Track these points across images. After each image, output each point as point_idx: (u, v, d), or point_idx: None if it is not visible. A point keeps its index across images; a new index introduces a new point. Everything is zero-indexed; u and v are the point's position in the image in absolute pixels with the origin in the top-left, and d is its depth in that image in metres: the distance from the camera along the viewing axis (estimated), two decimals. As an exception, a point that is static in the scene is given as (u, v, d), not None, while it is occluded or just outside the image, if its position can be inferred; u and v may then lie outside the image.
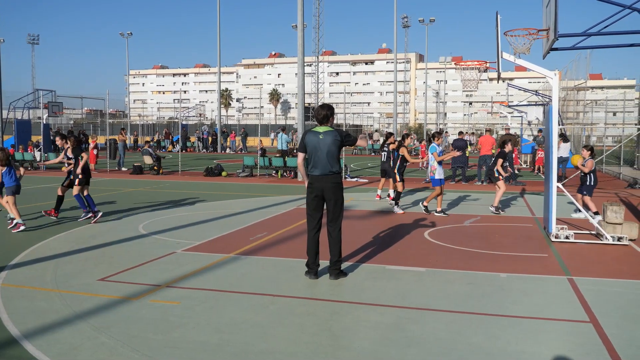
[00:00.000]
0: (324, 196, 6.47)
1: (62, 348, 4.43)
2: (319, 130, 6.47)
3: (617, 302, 5.77)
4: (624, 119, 29.19)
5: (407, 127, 70.95)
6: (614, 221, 8.82)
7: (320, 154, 6.38)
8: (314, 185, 6.46)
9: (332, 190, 6.44)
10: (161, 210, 12.16)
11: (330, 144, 6.37)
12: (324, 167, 6.39)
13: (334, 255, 6.51)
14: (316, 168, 6.44)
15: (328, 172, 6.41)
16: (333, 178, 6.45)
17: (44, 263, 7.23)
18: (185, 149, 41.56)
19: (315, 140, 6.41)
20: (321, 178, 6.43)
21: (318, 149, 6.38)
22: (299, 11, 20.31)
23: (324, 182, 6.42)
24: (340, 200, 6.52)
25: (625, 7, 8.71)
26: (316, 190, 6.46)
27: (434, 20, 52.99)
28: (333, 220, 6.53)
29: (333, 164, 6.42)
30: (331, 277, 6.48)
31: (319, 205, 6.52)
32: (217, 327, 4.93)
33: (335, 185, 6.47)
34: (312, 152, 6.44)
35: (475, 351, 4.43)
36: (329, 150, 6.37)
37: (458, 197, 14.68)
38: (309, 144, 6.45)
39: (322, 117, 6.51)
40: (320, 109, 6.57)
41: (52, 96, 32.78)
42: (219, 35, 43.18)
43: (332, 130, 6.45)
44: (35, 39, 77.87)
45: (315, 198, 6.48)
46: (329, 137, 6.38)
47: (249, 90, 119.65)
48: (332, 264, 6.52)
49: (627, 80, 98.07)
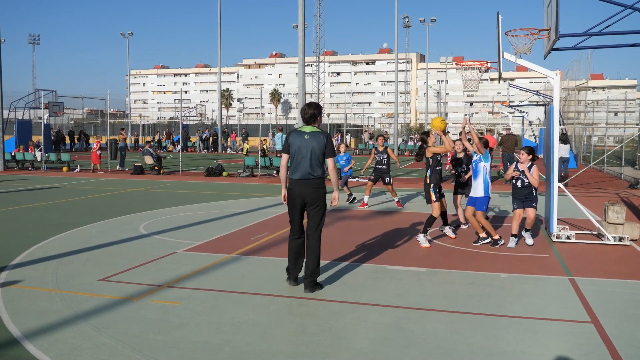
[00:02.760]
0: (305, 202, 5.99)
1: (62, 348, 4.43)
2: (304, 130, 5.98)
3: (617, 303, 5.77)
4: (625, 119, 29.16)
5: (408, 127, 70.82)
6: (615, 221, 8.81)
7: (303, 156, 5.89)
8: (294, 190, 5.96)
9: (314, 196, 5.93)
10: (162, 210, 12.16)
11: (316, 146, 5.88)
12: (305, 170, 5.89)
13: (309, 267, 6.01)
14: (297, 171, 5.93)
15: (309, 176, 5.90)
16: (315, 183, 5.93)
17: (44, 263, 7.23)
18: (186, 149, 41.58)
19: (300, 140, 5.93)
20: (302, 182, 5.92)
21: (302, 150, 5.89)
22: (299, 11, 20.31)
23: (305, 187, 5.92)
24: (323, 209, 6.02)
25: (626, 7, 8.71)
26: (296, 196, 5.97)
27: (435, 20, 53.04)
28: (312, 228, 6.03)
29: (315, 168, 5.90)
30: (306, 290, 5.96)
31: (299, 212, 6.07)
32: (218, 327, 4.94)
33: (317, 190, 5.95)
34: (295, 154, 5.94)
35: (475, 351, 4.43)
36: (313, 152, 5.87)
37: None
38: (293, 145, 5.95)
39: (309, 117, 6.02)
40: (307, 107, 6.06)
41: (53, 96, 32.83)
42: (219, 35, 43.22)
43: (319, 132, 5.96)
44: (36, 39, 77.91)
45: (295, 205, 6.02)
46: (314, 138, 5.90)
47: (249, 90, 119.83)
48: (308, 276, 6.01)
49: (629, 80, 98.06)
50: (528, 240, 8.57)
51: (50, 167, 24.58)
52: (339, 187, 6.26)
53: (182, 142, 39.71)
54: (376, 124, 78.32)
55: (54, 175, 21.32)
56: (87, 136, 45.93)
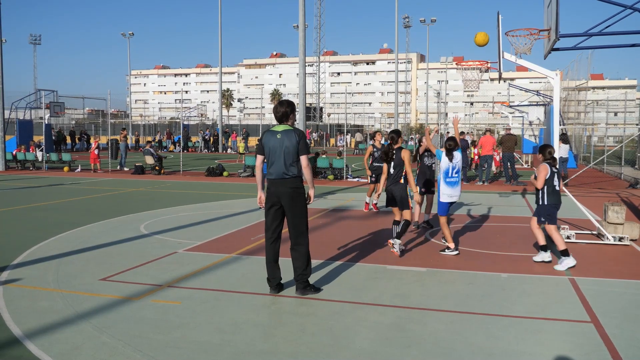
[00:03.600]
0: (282, 205, 5.81)
1: (63, 348, 4.44)
2: (277, 130, 5.82)
3: (617, 302, 5.77)
4: (625, 119, 29.16)
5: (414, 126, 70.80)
6: (615, 221, 8.82)
7: (277, 156, 5.75)
8: (271, 190, 5.81)
9: (290, 196, 5.76)
10: (162, 210, 12.17)
11: (288, 144, 5.73)
12: (280, 170, 5.75)
13: (298, 268, 5.86)
14: (272, 171, 5.81)
15: (284, 175, 5.75)
16: (291, 182, 5.76)
17: (45, 263, 7.24)
18: (186, 149, 41.59)
19: (273, 140, 5.78)
20: (277, 182, 5.77)
21: (275, 150, 5.75)
22: (300, 11, 20.31)
23: (281, 188, 5.76)
24: (302, 211, 5.84)
25: (626, 7, 8.71)
26: (273, 197, 5.80)
27: (435, 20, 53.08)
28: (297, 236, 5.84)
29: (290, 167, 5.74)
30: (297, 293, 5.83)
31: (277, 216, 5.85)
32: (218, 327, 4.94)
33: (293, 190, 5.77)
34: (269, 154, 5.80)
35: (476, 351, 4.44)
36: (286, 151, 5.72)
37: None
38: (267, 145, 5.81)
39: (281, 115, 5.86)
40: (279, 105, 5.89)
41: (54, 96, 32.86)
42: (220, 35, 43.23)
43: (291, 130, 5.80)
44: (37, 39, 77.98)
45: (272, 207, 5.83)
46: (286, 136, 5.75)
47: (250, 91, 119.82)
48: (297, 277, 5.87)
49: (629, 80, 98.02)
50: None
51: (52, 167, 24.61)
52: (313, 184, 6.11)
53: (183, 142, 39.76)
54: (376, 124, 78.30)
55: (55, 175, 21.34)
56: (88, 136, 45.90)
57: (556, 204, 7.27)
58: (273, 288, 5.94)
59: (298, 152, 5.77)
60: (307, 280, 5.94)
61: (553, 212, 7.25)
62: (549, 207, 7.26)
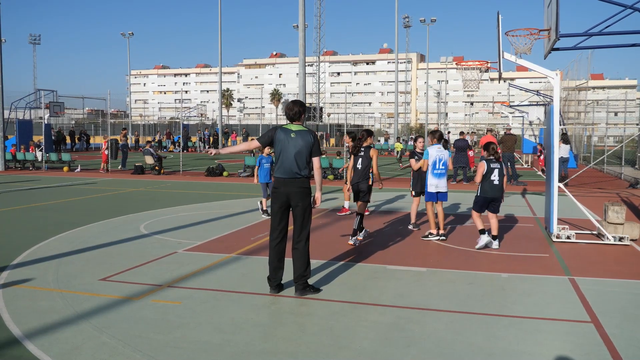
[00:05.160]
0: (290, 203, 5.85)
1: (63, 348, 4.44)
2: (291, 128, 5.86)
3: (618, 302, 5.78)
4: (625, 119, 29.19)
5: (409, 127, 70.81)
6: (615, 221, 8.82)
7: (288, 155, 5.77)
8: (279, 190, 5.82)
9: (299, 195, 5.80)
10: (162, 210, 12.17)
11: (302, 144, 5.77)
12: (290, 169, 5.76)
13: (298, 269, 5.89)
14: (282, 170, 5.81)
15: (295, 175, 5.78)
16: (300, 182, 5.81)
17: (45, 263, 7.24)
18: (186, 149, 41.59)
19: (286, 138, 5.80)
20: (287, 182, 5.79)
21: (287, 148, 5.78)
22: (300, 11, 20.32)
23: (290, 187, 5.79)
24: (308, 209, 5.90)
25: (626, 7, 8.71)
26: (282, 196, 5.82)
27: (435, 20, 53.01)
28: (299, 230, 5.91)
29: (301, 167, 5.78)
30: (296, 293, 5.86)
31: (284, 216, 5.91)
32: (218, 327, 4.94)
33: (302, 190, 5.83)
34: (280, 152, 5.81)
35: (476, 351, 4.44)
36: (299, 151, 5.76)
37: (458, 197, 14.67)
38: (277, 142, 5.84)
39: (294, 114, 5.92)
40: (293, 104, 5.97)
41: (54, 96, 32.89)
42: (220, 35, 43.22)
43: (306, 131, 5.86)
44: (36, 39, 77.98)
45: (280, 207, 5.87)
46: (301, 137, 5.80)
47: (250, 90, 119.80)
48: (297, 278, 5.90)
49: (629, 80, 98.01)
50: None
51: (51, 167, 24.60)
52: (322, 187, 6.16)
53: (183, 142, 39.76)
54: (376, 124, 78.31)
55: (55, 175, 21.33)
56: (88, 136, 45.96)
57: (486, 196, 8.38)
58: (273, 288, 5.98)
59: (311, 154, 5.85)
60: (306, 282, 5.97)
61: (480, 202, 8.44)
62: (478, 198, 8.48)
